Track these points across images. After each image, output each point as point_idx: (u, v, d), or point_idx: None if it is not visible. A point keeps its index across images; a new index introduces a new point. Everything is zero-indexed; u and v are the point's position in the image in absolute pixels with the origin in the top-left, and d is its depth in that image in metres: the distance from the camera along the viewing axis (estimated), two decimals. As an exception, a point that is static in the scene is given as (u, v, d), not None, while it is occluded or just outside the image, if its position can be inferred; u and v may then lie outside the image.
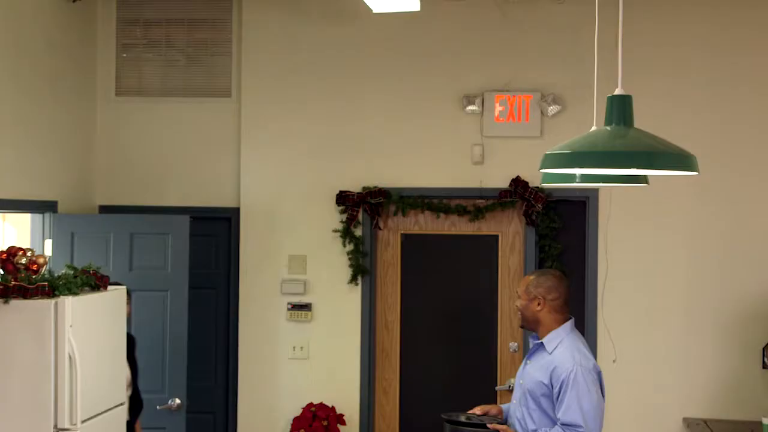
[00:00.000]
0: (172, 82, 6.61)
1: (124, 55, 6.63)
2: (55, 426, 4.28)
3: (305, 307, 6.34)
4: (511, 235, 6.33)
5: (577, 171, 2.43)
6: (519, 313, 4.12)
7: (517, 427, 3.97)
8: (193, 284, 5.98)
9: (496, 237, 6.33)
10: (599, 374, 3.92)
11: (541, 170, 2.40)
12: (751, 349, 5.95)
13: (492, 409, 4.18)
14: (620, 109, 2.40)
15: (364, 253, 6.29)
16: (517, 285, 5.05)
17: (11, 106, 5.51)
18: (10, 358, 4.31)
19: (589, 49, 4.36)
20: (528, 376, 4.00)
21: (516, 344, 6.25)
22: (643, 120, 3.09)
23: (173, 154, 6.57)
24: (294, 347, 6.35)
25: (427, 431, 6.33)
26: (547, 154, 2.35)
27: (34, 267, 4.47)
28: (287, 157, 6.40)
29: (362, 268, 6.28)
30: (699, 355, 6.04)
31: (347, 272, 6.29)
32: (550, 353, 3.91)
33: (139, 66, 6.64)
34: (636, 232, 6.11)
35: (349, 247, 6.29)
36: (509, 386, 6.12)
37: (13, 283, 4.29)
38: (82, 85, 6.43)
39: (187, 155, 6.56)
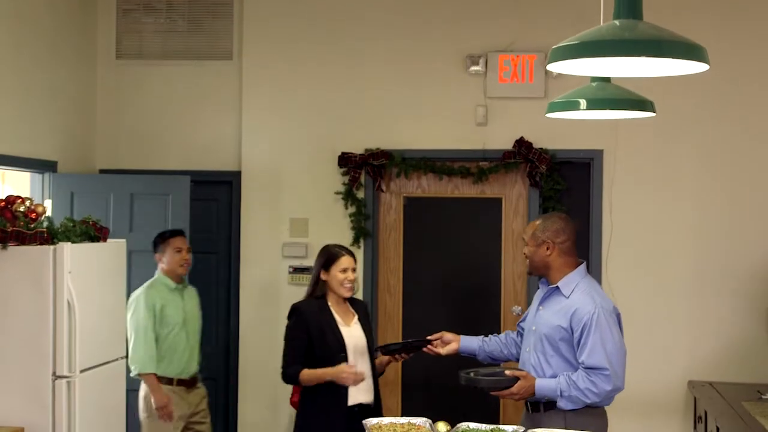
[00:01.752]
0: (172, 44, 6.55)
1: (125, 17, 6.58)
2: (54, 373, 4.24)
3: (307, 270, 6.28)
4: (514, 198, 6.27)
5: (586, 62, 2.35)
6: (527, 260, 4.02)
7: (533, 374, 3.88)
8: (194, 248, 5.92)
9: (499, 200, 6.26)
10: (618, 316, 3.84)
11: (548, 66, 2.34)
12: (757, 311, 5.90)
13: (446, 334, 4.27)
14: (629, 1, 2.34)
15: (366, 216, 6.23)
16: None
17: (12, 67, 5.47)
18: (9, 305, 4.27)
19: (594, 9, 4.28)
20: (543, 321, 3.89)
21: (519, 308, 6.18)
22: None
23: (174, 117, 6.52)
24: (296, 311, 6.29)
25: (430, 395, 6.29)
26: (554, 48, 2.29)
27: (33, 215, 4.43)
28: (289, 120, 6.34)
29: (364, 230, 6.23)
30: (704, 317, 5.98)
31: (349, 235, 6.23)
32: (568, 297, 3.81)
33: (140, 29, 6.59)
34: (641, 193, 6.05)
35: (351, 209, 6.23)
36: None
37: (11, 228, 4.25)
38: (82, 48, 6.38)
39: (188, 118, 6.51)
